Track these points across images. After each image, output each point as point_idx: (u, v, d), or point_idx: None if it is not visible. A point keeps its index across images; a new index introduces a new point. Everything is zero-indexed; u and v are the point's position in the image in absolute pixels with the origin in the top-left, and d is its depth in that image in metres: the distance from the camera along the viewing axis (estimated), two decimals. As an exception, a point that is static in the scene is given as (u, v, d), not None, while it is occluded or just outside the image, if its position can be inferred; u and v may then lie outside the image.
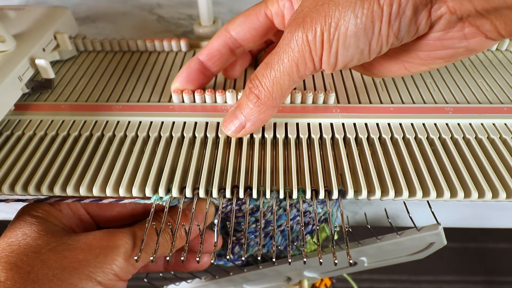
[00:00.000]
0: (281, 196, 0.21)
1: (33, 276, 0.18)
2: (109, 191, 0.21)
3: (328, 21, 0.18)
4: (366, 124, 0.25)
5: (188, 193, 0.21)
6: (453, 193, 0.20)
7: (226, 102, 0.26)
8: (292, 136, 0.24)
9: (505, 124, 0.25)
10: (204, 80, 0.27)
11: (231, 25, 0.24)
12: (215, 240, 0.21)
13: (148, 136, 0.25)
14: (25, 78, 0.26)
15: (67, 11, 0.32)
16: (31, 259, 0.18)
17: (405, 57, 0.21)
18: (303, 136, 0.24)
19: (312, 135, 0.24)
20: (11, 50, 0.26)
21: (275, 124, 0.25)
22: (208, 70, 0.26)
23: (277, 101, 0.21)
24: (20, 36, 0.27)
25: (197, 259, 0.19)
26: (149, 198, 0.22)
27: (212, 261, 0.20)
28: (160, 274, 0.29)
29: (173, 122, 0.25)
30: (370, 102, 0.27)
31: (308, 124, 0.25)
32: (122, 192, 0.21)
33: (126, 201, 0.22)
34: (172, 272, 0.29)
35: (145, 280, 0.32)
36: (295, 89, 0.28)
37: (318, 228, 0.20)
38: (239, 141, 0.24)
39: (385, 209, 0.25)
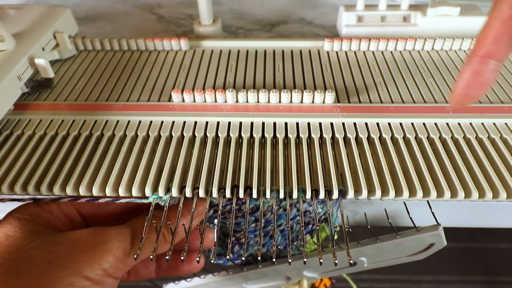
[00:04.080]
0: (281, 196, 0.21)
1: (16, 271, 0.18)
2: (108, 191, 0.21)
3: None
4: (366, 124, 0.25)
5: (188, 192, 0.21)
6: (454, 193, 0.20)
7: (226, 101, 0.26)
8: (292, 136, 0.24)
9: (505, 123, 0.24)
10: None
11: None
12: (215, 240, 0.21)
13: (147, 136, 0.24)
14: (25, 78, 0.26)
15: (67, 10, 0.32)
16: (14, 256, 0.18)
17: None
18: (303, 136, 0.24)
19: (312, 135, 0.24)
20: (10, 49, 0.26)
21: (275, 124, 0.25)
22: None
23: None
24: (19, 35, 0.27)
25: (197, 258, 0.19)
26: (148, 197, 0.21)
27: (212, 261, 0.20)
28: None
29: (173, 122, 0.25)
30: (371, 102, 0.27)
31: (308, 124, 0.25)
32: (121, 191, 0.21)
33: (123, 200, 0.22)
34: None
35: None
36: (295, 88, 0.28)
37: (318, 228, 0.20)
38: (239, 140, 0.24)
39: (385, 209, 0.24)
